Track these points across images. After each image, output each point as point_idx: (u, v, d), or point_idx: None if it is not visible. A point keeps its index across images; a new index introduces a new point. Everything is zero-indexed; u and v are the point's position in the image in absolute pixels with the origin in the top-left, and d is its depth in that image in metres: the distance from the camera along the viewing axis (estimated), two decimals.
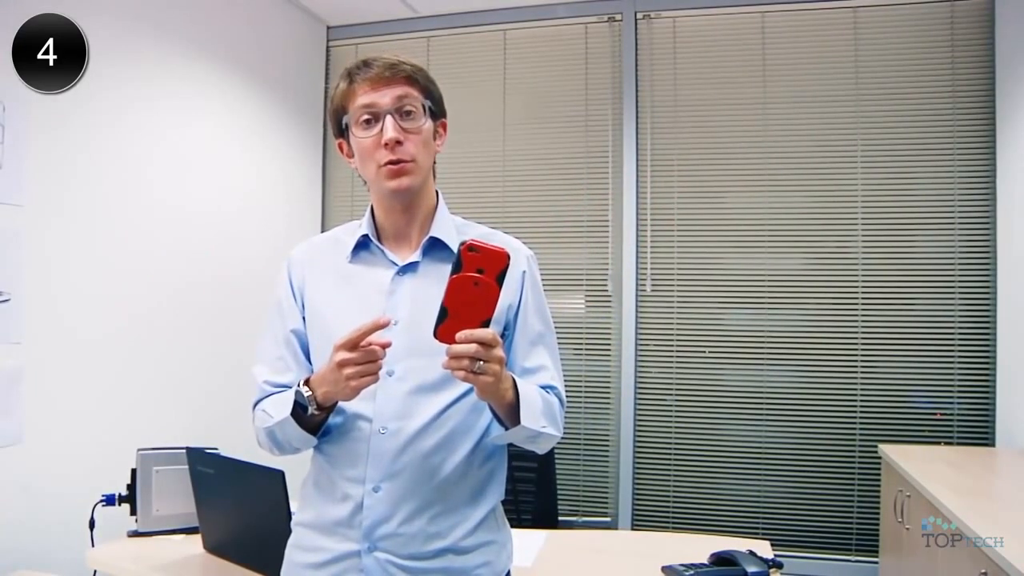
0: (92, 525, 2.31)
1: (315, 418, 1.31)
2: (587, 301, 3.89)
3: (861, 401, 3.47)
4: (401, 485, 1.32)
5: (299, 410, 1.29)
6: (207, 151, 3.34)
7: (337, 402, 1.31)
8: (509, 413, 1.32)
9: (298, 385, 1.30)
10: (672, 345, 3.72)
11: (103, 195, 2.80)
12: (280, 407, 1.33)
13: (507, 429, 1.34)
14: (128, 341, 2.89)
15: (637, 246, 3.76)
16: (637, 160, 3.76)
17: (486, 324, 1.17)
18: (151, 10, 3.03)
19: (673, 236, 3.73)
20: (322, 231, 3.32)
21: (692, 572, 1.92)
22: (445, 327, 1.16)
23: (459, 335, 1.15)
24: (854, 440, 3.47)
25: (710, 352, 3.66)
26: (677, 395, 3.71)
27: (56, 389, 2.58)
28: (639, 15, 3.79)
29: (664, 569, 1.97)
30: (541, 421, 1.36)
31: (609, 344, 3.82)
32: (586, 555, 2.26)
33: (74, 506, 2.33)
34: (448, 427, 1.35)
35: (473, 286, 1.16)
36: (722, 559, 1.98)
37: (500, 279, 1.16)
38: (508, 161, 4.01)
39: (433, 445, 1.34)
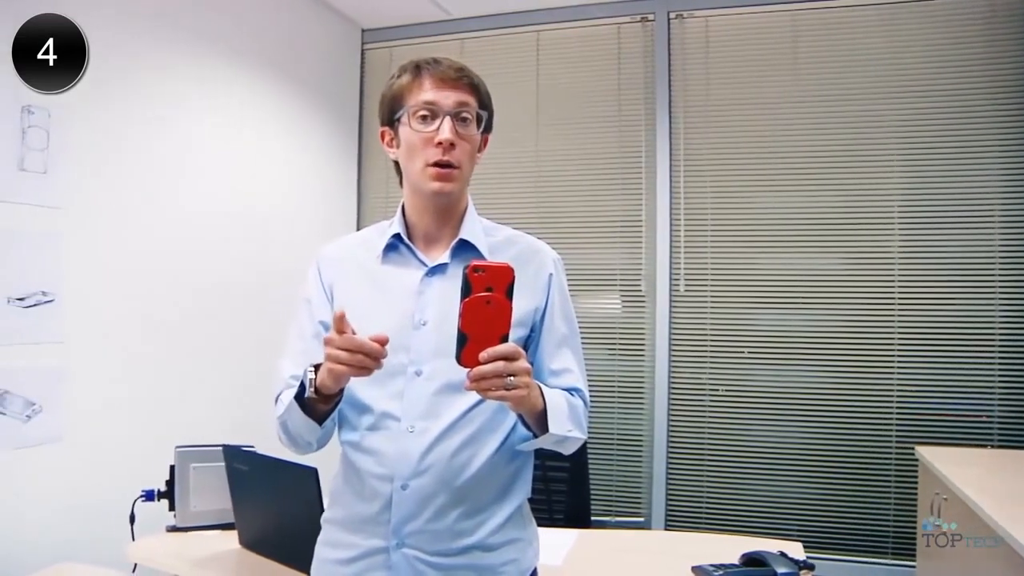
0: (132, 520, 2.37)
1: (316, 404, 1.30)
2: (621, 301, 3.88)
3: (898, 402, 3.42)
4: (428, 483, 1.34)
5: (299, 389, 1.29)
6: (244, 153, 3.40)
7: (340, 394, 1.31)
8: (537, 419, 1.33)
9: (307, 370, 1.29)
10: (705, 345, 3.70)
11: (142, 197, 2.86)
12: (289, 392, 1.34)
13: (534, 435, 1.36)
14: (166, 340, 2.95)
15: (670, 246, 3.75)
16: (670, 159, 3.75)
17: (504, 340, 1.19)
18: (188, 16, 3.09)
19: (706, 235, 3.72)
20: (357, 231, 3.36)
21: (722, 572, 1.91)
22: (467, 351, 1.17)
23: (482, 355, 1.16)
24: (890, 442, 3.42)
25: (748, 352, 3.64)
26: (711, 395, 3.69)
27: (97, 387, 2.65)
28: (671, 15, 3.78)
29: (694, 569, 1.97)
30: (567, 425, 1.37)
31: (643, 344, 3.81)
32: (616, 555, 2.26)
33: (115, 501, 2.39)
34: (474, 426, 1.36)
35: (485, 305, 1.17)
36: (752, 560, 1.97)
37: (509, 293, 1.18)
38: (542, 161, 4.02)
39: (459, 444, 1.35)
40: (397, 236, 1.45)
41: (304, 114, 3.77)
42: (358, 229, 4.08)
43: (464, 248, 1.43)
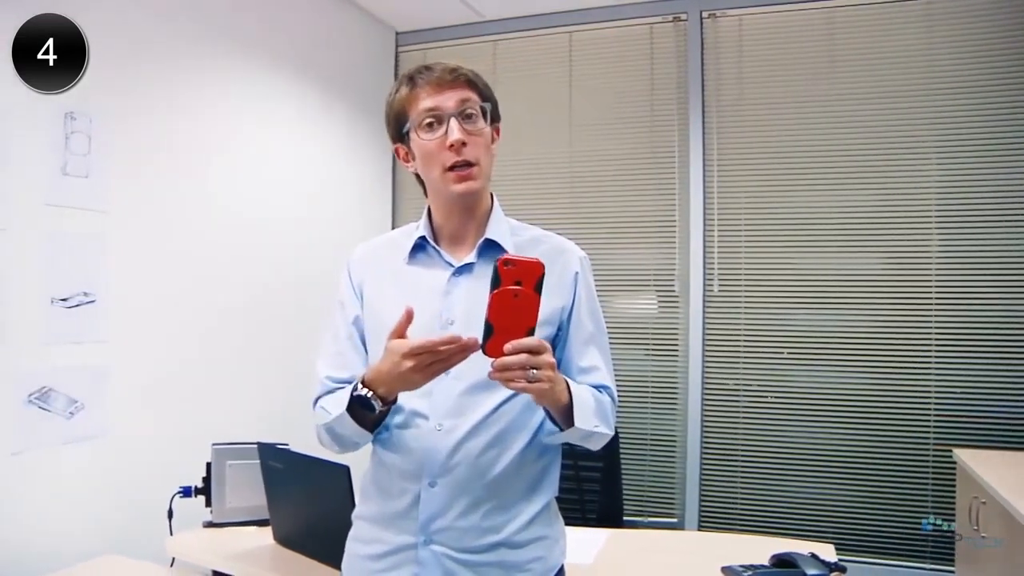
0: (170, 515, 2.42)
1: (376, 415, 1.34)
2: (654, 301, 3.88)
3: (935, 404, 3.37)
4: (456, 481, 1.36)
5: (366, 409, 1.31)
6: (280, 156, 3.45)
7: (396, 399, 1.34)
8: (563, 414, 1.34)
9: (356, 388, 1.31)
10: (739, 345, 3.68)
11: (180, 200, 2.92)
12: (337, 404, 1.36)
13: (561, 430, 1.37)
14: (203, 340, 3.01)
15: (704, 246, 3.73)
16: (704, 159, 3.74)
17: (531, 333, 1.20)
18: (224, 21, 3.14)
19: (740, 236, 3.70)
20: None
21: (751, 573, 1.91)
22: (492, 342, 1.19)
23: (506, 347, 1.18)
24: (928, 444, 3.37)
25: (786, 353, 3.61)
26: (744, 396, 3.67)
27: (136, 386, 2.70)
28: (704, 14, 3.76)
29: (723, 570, 1.97)
30: (593, 421, 1.38)
31: (676, 344, 3.80)
32: (646, 554, 2.26)
33: (154, 497, 2.45)
34: (501, 424, 1.38)
35: (513, 298, 1.19)
36: (782, 561, 1.96)
37: (538, 288, 1.19)
38: (575, 162, 4.03)
39: (486, 442, 1.37)
40: (423, 238, 1.47)
41: (339, 117, 3.81)
42: (393, 228, 4.13)
43: (491, 247, 1.44)
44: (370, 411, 1.31)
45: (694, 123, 3.75)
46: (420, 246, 1.48)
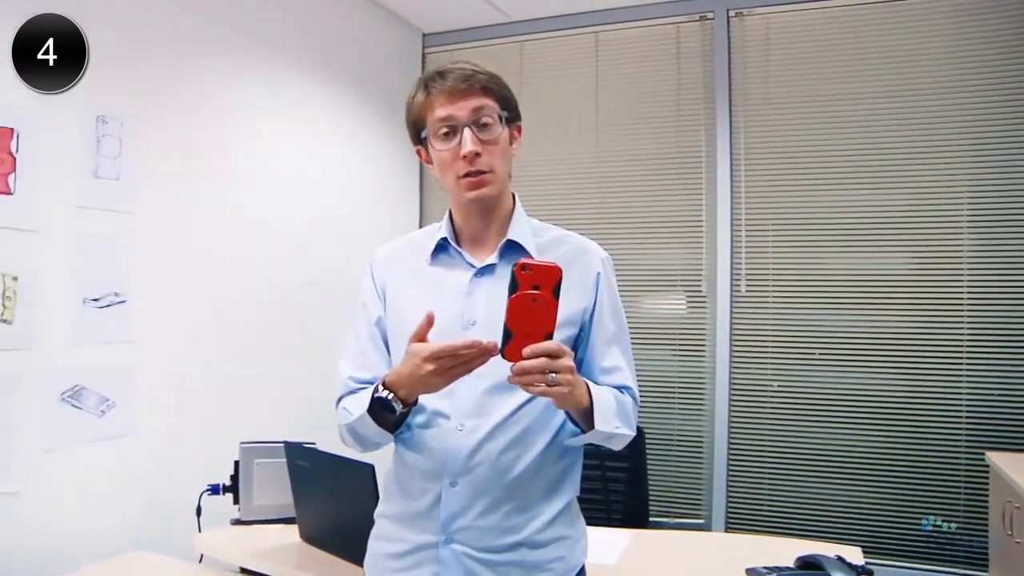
0: (199, 512, 2.45)
1: (397, 417, 1.35)
2: (681, 301, 3.86)
3: (967, 406, 3.32)
4: (476, 481, 1.36)
5: (386, 411, 1.32)
6: (307, 157, 3.48)
7: (416, 400, 1.35)
8: (584, 416, 1.35)
9: (377, 390, 1.33)
10: (767, 346, 3.65)
11: (208, 201, 2.96)
12: (359, 405, 1.37)
13: (582, 431, 1.37)
14: (231, 340, 3.05)
15: (731, 246, 3.71)
16: (731, 159, 3.71)
17: (549, 337, 1.20)
18: (253, 24, 3.18)
19: (768, 235, 3.67)
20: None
21: (775, 575, 1.90)
22: (511, 346, 1.19)
23: (525, 351, 1.18)
24: (959, 447, 3.32)
25: (818, 353, 3.57)
26: (772, 397, 3.64)
27: (166, 385, 2.75)
28: (731, 13, 3.73)
29: (747, 571, 1.95)
30: (615, 422, 1.38)
31: (703, 345, 3.78)
32: (670, 555, 2.26)
33: (182, 494, 2.48)
34: (522, 425, 1.38)
35: (531, 303, 1.19)
36: (808, 563, 1.95)
37: (556, 292, 1.20)
38: (602, 162, 4.03)
39: (507, 442, 1.37)
40: (445, 239, 1.48)
41: (366, 118, 3.84)
42: (421, 227, 4.17)
43: (512, 248, 1.44)
44: (390, 413, 1.32)
45: (721, 122, 3.73)
46: (442, 247, 1.49)
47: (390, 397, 1.31)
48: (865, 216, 3.51)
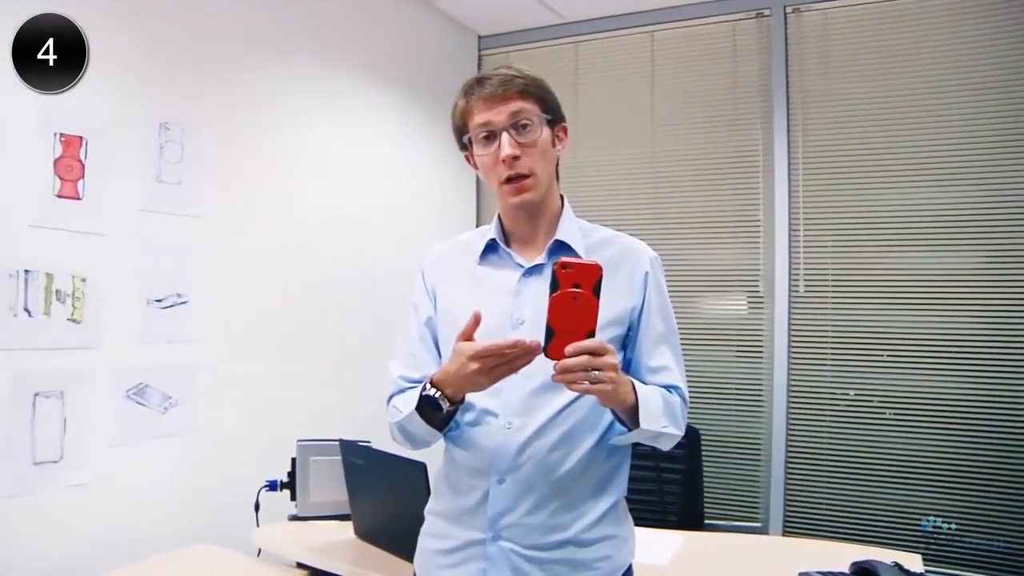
0: (257, 507, 2.52)
1: (444, 415, 1.37)
2: (738, 302, 3.81)
3: None
4: (524, 478, 1.38)
5: (434, 409, 1.35)
6: (364, 159, 3.53)
7: (464, 399, 1.37)
8: (630, 415, 1.35)
9: (425, 387, 1.35)
10: (826, 347, 3.58)
11: (266, 203, 3.02)
12: (408, 403, 1.40)
13: (629, 430, 1.37)
14: (289, 340, 3.11)
15: (790, 246, 3.64)
16: (789, 157, 3.65)
17: (591, 335, 1.21)
18: (309, 28, 3.24)
19: (827, 235, 3.59)
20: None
21: None
22: (554, 345, 1.20)
23: (567, 349, 1.19)
24: None
25: (880, 355, 3.47)
26: (832, 399, 3.56)
27: (226, 383, 2.82)
28: (788, 9, 3.67)
29: (800, 575, 1.93)
30: (662, 421, 1.38)
31: (761, 346, 3.73)
32: (723, 558, 2.24)
33: (241, 490, 2.55)
34: (569, 424, 1.39)
35: (572, 301, 1.20)
36: (863, 569, 1.91)
37: (596, 291, 1.20)
38: (657, 162, 4.00)
39: (554, 441, 1.38)
40: (494, 240, 1.50)
41: (423, 121, 3.87)
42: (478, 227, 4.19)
43: (560, 249, 1.45)
44: (438, 410, 1.34)
45: (778, 120, 3.67)
46: (491, 248, 1.51)
47: (437, 395, 1.33)
48: (929, 214, 3.41)
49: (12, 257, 2.17)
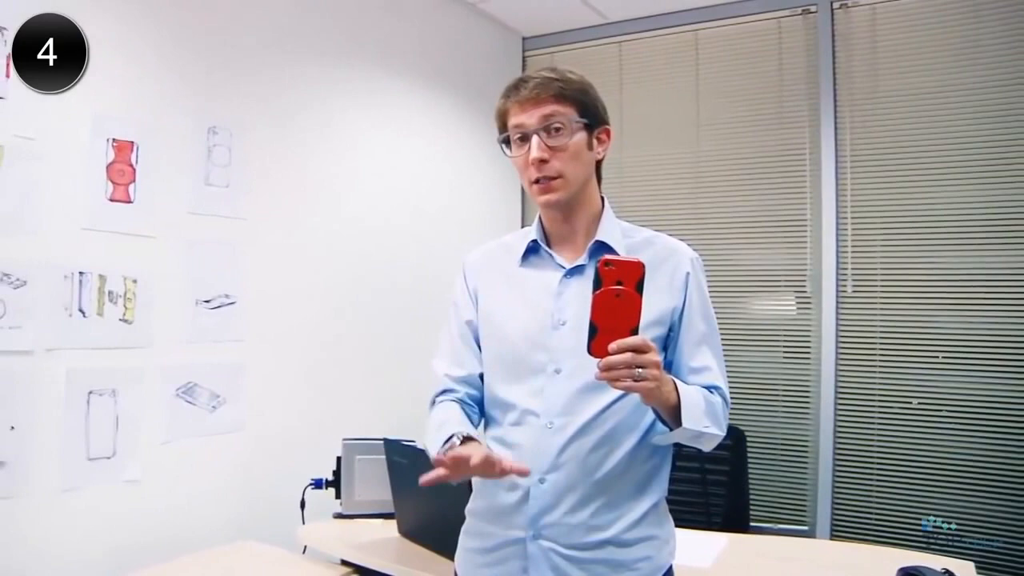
0: (303, 505, 2.56)
1: None
2: (785, 302, 3.76)
3: None
4: (565, 478, 1.38)
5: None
6: (409, 160, 3.56)
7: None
8: (672, 414, 1.34)
9: (450, 440, 1.35)
10: (875, 348, 3.51)
11: (312, 205, 3.07)
12: (435, 442, 1.40)
13: (670, 429, 1.37)
14: (334, 339, 3.15)
15: (837, 245, 3.58)
16: (836, 156, 3.59)
17: (634, 332, 1.21)
18: (354, 31, 3.27)
19: (875, 234, 3.53)
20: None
21: None
22: (597, 342, 1.21)
23: (611, 346, 1.19)
24: None
25: (933, 357, 3.39)
26: (880, 401, 3.50)
27: (272, 382, 2.87)
28: (835, 5, 3.60)
29: None
30: (704, 421, 1.37)
31: (808, 346, 3.67)
32: (767, 561, 2.21)
33: (287, 487, 2.60)
34: (610, 424, 1.39)
35: (615, 298, 1.20)
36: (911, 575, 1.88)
37: (640, 287, 1.20)
38: (702, 162, 3.96)
39: (596, 441, 1.39)
40: (535, 241, 1.51)
41: (467, 122, 3.89)
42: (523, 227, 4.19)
43: (601, 249, 1.45)
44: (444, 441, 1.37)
45: (825, 119, 3.61)
46: (533, 249, 1.52)
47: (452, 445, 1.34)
48: (980, 212, 3.32)
49: (67, 259, 2.24)
